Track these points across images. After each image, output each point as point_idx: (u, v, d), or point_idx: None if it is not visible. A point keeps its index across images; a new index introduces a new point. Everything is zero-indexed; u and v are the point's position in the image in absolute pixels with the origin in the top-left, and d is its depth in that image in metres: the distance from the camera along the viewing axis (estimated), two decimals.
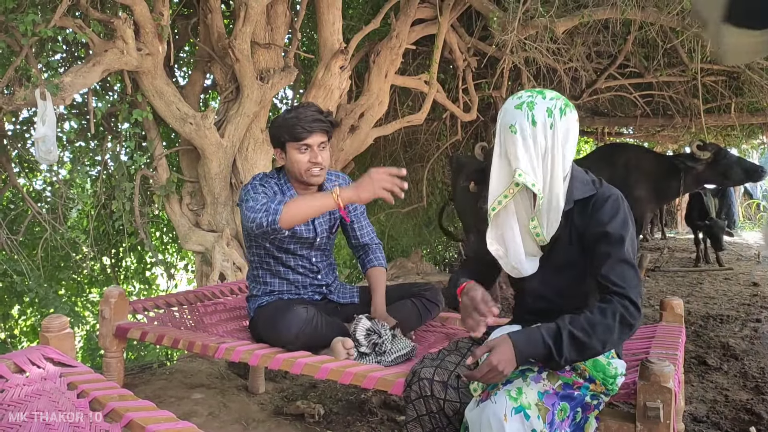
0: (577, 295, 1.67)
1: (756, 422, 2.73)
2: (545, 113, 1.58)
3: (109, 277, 5.07)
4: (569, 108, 1.61)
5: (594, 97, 6.78)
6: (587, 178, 1.68)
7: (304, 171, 2.20)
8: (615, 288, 1.50)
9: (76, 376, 1.61)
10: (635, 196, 6.38)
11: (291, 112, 2.18)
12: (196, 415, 2.70)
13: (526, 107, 1.60)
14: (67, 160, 4.41)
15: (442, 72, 5.99)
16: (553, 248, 1.67)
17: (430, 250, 8.71)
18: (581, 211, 1.64)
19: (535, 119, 1.58)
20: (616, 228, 1.57)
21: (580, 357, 1.48)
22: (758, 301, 5.42)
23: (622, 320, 1.46)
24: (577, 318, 1.47)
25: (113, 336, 2.45)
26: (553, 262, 1.68)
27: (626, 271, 1.52)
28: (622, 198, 1.64)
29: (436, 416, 1.58)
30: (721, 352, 3.82)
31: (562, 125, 1.58)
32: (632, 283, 1.51)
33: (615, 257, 1.54)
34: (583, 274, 1.64)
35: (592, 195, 1.64)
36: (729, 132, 8.04)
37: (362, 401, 2.98)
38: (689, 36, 3.92)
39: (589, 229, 1.61)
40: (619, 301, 1.48)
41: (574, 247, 1.65)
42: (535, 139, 1.58)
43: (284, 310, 2.10)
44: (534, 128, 1.58)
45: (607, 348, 1.48)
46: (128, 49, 3.27)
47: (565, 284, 1.69)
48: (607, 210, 1.60)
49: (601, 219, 1.59)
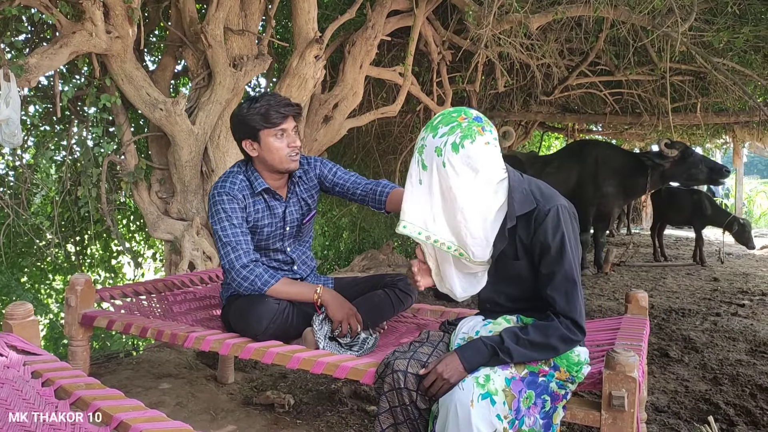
0: (532, 299, 1.70)
1: (714, 412, 2.83)
2: (435, 154, 1.56)
3: (73, 264, 4.96)
4: (467, 138, 1.55)
5: (565, 93, 6.87)
6: (525, 188, 1.66)
7: (284, 157, 2.17)
8: (559, 308, 1.58)
9: (40, 364, 1.57)
10: (604, 192, 6.53)
11: (257, 101, 2.14)
12: (163, 405, 2.67)
13: (417, 152, 1.61)
14: (31, 144, 4.28)
15: (417, 64, 6.00)
16: (499, 263, 1.69)
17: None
18: (524, 225, 1.64)
19: (425, 164, 1.58)
20: (558, 245, 1.59)
21: (522, 359, 1.56)
22: (718, 296, 5.60)
23: (565, 340, 1.56)
24: (521, 335, 1.57)
25: (79, 324, 2.40)
26: (501, 275, 1.71)
27: (569, 290, 1.59)
28: (562, 208, 1.63)
29: (408, 408, 1.60)
30: (682, 344, 3.93)
31: (460, 160, 1.55)
32: (574, 303, 1.58)
33: (559, 275, 1.59)
34: (535, 285, 1.67)
35: (532, 209, 1.63)
36: (694, 131, 8.25)
37: (332, 391, 2.99)
38: (659, 35, 4.00)
39: (534, 245, 1.63)
40: (563, 322, 1.57)
41: (522, 262, 1.66)
42: (430, 183, 1.58)
43: (256, 301, 2.09)
44: (426, 172, 1.58)
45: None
46: (97, 31, 3.18)
47: (518, 294, 1.72)
48: (548, 225, 1.60)
49: (543, 235, 1.60)
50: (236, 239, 2.13)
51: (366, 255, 7.05)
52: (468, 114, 1.60)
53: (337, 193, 2.42)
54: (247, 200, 2.22)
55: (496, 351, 1.54)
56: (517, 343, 1.55)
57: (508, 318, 1.72)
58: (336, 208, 8.06)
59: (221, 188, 2.20)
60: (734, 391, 3.10)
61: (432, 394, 1.55)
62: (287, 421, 2.67)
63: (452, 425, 1.46)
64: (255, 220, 2.23)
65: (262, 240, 2.28)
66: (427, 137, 1.59)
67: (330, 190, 2.42)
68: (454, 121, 1.58)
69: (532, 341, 1.55)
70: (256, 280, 2.09)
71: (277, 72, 5.54)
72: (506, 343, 1.55)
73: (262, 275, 2.10)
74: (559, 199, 1.66)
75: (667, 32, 3.77)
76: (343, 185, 2.39)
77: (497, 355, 1.54)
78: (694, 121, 6.95)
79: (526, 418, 1.52)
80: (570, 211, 1.67)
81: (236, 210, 2.17)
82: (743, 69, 4.40)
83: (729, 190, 14.03)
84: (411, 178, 1.61)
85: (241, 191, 2.21)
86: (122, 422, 1.23)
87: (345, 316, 2.11)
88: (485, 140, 1.57)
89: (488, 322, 1.73)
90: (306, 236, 2.46)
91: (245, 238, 2.15)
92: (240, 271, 2.10)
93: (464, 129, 1.56)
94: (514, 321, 1.71)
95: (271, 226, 2.28)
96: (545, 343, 1.55)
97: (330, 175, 2.39)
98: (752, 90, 4.96)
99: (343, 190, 2.39)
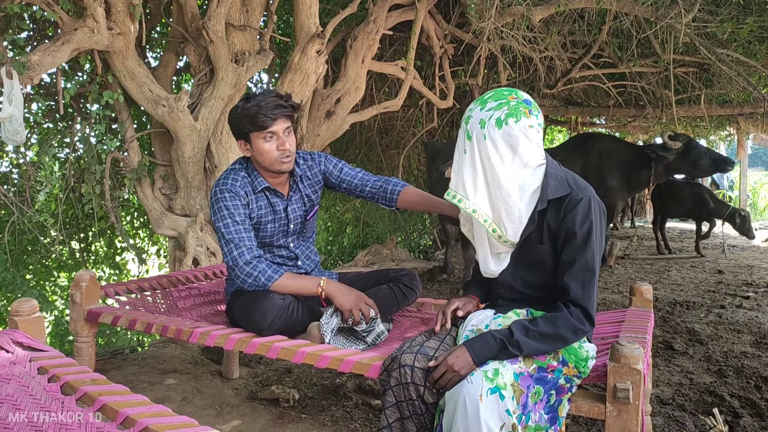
0: (549, 288, 1.70)
1: (719, 404, 2.83)
2: (479, 125, 1.60)
3: (78, 261, 4.97)
4: (512, 117, 1.58)
5: (568, 86, 6.85)
6: (561, 175, 1.68)
7: (274, 159, 2.16)
8: (573, 296, 1.59)
9: (46, 360, 1.58)
10: (608, 185, 6.50)
11: (250, 100, 2.13)
12: (169, 400, 2.68)
13: (463, 122, 1.64)
14: (35, 141, 4.28)
15: (419, 59, 5.98)
16: (524, 246, 1.70)
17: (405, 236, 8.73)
18: (554, 211, 1.65)
19: (470, 134, 1.62)
20: (585, 233, 1.60)
21: (531, 351, 1.55)
22: (723, 288, 5.58)
23: (575, 330, 1.57)
24: (530, 327, 1.56)
25: (84, 321, 2.41)
26: (523, 260, 1.72)
27: (587, 280, 1.60)
28: (594, 200, 1.65)
29: (415, 403, 1.59)
30: (687, 337, 3.93)
31: (501, 136, 1.58)
32: (589, 294, 1.59)
33: (579, 264, 1.60)
34: (554, 273, 1.68)
35: (565, 195, 1.64)
36: (698, 123, 8.21)
37: (337, 386, 2.99)
38: (662, 27, 3.98)
39: (560, 230, 1.64)
40: (574, 311, 1.57)
41: (546, 247, 1.67)
42: (472, 154, 1.61)
43: (260, 296, 2.09)
44: (470, 142, 1.61)
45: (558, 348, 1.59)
46: (99, 28, 3.18)
47: (536, 280, 1.72)
48: (578, 214, 1.61)
49: (572, 222, 1.61)
50: (239, 236, 2.13)
51: (370, 250, 7.05)
52: (519, 95, 1.62)
53: (343, 189, 2.41)
54: (250, 197, 2.22)
55: (505, 344, 1.54)
56: (526, 335, 1.55)
57: (518, 311, 1.72)
58: (339, 203, 8.06)
59: (223, 185, 2.20)
60: (739, 383, 3.10)
61: (441, 386, 1.54)
62: (292, 416, 2.68)
63: (461, 419, 1.45)
64: (258, 217, 2.23)
65: (266, 237, 2.28)
66: (474, 109, 1.63)
67: (336, 186, 2.41)
68: (503, 98, 1.61)
69: (542, 332, 1.55)
70: (259, 276, 2.09)
71: (279, 67, 5.53)
72: (515, 335, 1.54)
73: (265, 271, 2.10)
74: (593, 192, 1.68)
75: (670, 23, 3.75)
76: (350, 182, 2.38)
77: (506, 349, 1.53)
78: (698, 113, 6.93)
79: (532, 414, 1.52)
80: (601, 206, 1.68)
81: (239, 207, 2.17)
82: (747, 60, 4.37)
83: (733, 182, 13.97)
84: (458, 147, 1.66)
85: (243, 188, 2.21)
86: (128, 417, 1.24)
87: (354, 304, 2.06)
88: (529, 123, 1.60)
89: (498, 316, 1.73)
90: (309, 232, 2.45)
91: (248, 235, 2.15)
92: (243, 267, 2.10)
93: (511, 107, 1.59)
94: (524, 314, 1.71)
95: (274, 222, 2.28)
96: (555, 334, 1.55)
97: (336, 171, 2.39)
98: (756, 81, 4.94)
99: (351, 187, 2.39)
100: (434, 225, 8.69)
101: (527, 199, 1.63)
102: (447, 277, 6.10)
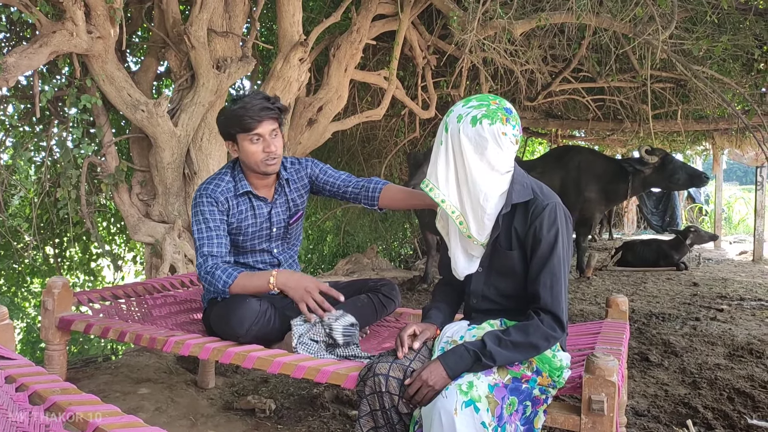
0: (521, 298, 1.71)
1: (692, 415, 2.86)
2: (456, 120, 1.63)
3: (51, 267, 4.87)
4: (487, 119, 1.59)
5: (548, 99, 6.93)
6: (527, 182, 1.71)
7: (260, 161, 2.16)
8: (542, 303, 1.60)
9: (15, 369, 1.54)
10: (586, 197, 6.59)
11: (237, 102, 2.13)
12: (142, 410, 2.64)
13: (446, 115, 1.67)
14: (10, 144, 4.21)
15: (402, 69, 6.02)
16: (494, 252, 1.71)
17: (386, 246, 8.73)
18: (521, 217, 1.68)
19: (447, 126, 1.64)
20: (551, 240, 1.62)
21: (505, 360, 1.56)
22: (698, 301, 5.67)
23: (547, 337, 1.58)
24: (503, 336, 1.57)
25: (56, 328, 2.36)
26: (495, 267, 1.73)
27: (555, 287, 1.61)
28: (559, 206, 1.67)
29: (389, 412, 1.59)
30: (662, 348, 3.97)
31: (472, 134, 1.60)
32: (558, 300, 1.61)
33: (546, 270, 1.62)
34: (525, 281, 1.69)
35: (531, 200, 1.67)
36: (675, 138, 8.36)
37: (314, 396, 2.97)
38: (640, 43, 4.05)
39: (527, 237, 1.66)
40: (544, 318, 1.58)
41: (515, 253, 1.68)
42: (447, 146, 1.64)
43: (237, 303, 2.07)
44: (446, 134, 1.64)
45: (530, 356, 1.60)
46: (78, 31, 3.14)
47: (508, 289, 1.74)
48: (545, 220, 1.63)
49: (539, 228, 1.63)
50: (209, 242, 2.13)
51: (350, 259, 7.03)
52: (502, 103, 1.65)
53: (328, 192, 2.41)
54: (231, 202, 2.21)
55: (478, 356, 1.54)
56: (499, 345, 1.55)
57: (492, 323, 1.72)
58: (320, 211, 8.04)
59: (204, 190, 2.21)
60: (712, 395, 3.14)
61: (417, 401, 1.54)
62: (268, 427, 2.65)
63: None
64: (238, 221, 2.22)
65: (247, 240, 2.27)
66: (458, 104, 1.66)
67: (321, 190, 2.42)
68: (486, 101, 1.64)
69: (514, 341, 1.56)
70: (216, 283, 2.07)
71: (262, 74, 5.51)
72: (488, 346, 1.55)
73: (221, 277, 2.07)
74: (558, 199, 1.70)
75: (648, 40, 3.82)
76: (333, 183, 2.39)
77: (480, 360, 1.54)
78: (674, 127, 7.05)
79: (508, 426, 1.52)
80: (566, 213, 1.70)
81: (215, 213, 2.17)
82: (722, 77, 4.46)
83: (709, 197, 14.24)
84: (437, 138, 1.68)
85: (224, 194, 2.20)
86: (98, 428, 1.21)
87: (302, 294, 1.99)
88: (503, 130, 1.61)
89: (473, 327, 1.73)
90: (294, 239, 2.44)
91: (218, 242, 2.15)
92: (204, 276, 2.10)
93: (490, 110, 1.61)
94: (498, 325, 1.71)
95: (255, 226, 2.26)
96: (527, 342, 1.56)
97: (321, 174, 2.40)
98: (731, 98, 5.04)
99: (334, 189, 2.39)
100: (415, 234, 8.71)
101: (493, 202, 1.65)
102: (427, 286, 6.11)
